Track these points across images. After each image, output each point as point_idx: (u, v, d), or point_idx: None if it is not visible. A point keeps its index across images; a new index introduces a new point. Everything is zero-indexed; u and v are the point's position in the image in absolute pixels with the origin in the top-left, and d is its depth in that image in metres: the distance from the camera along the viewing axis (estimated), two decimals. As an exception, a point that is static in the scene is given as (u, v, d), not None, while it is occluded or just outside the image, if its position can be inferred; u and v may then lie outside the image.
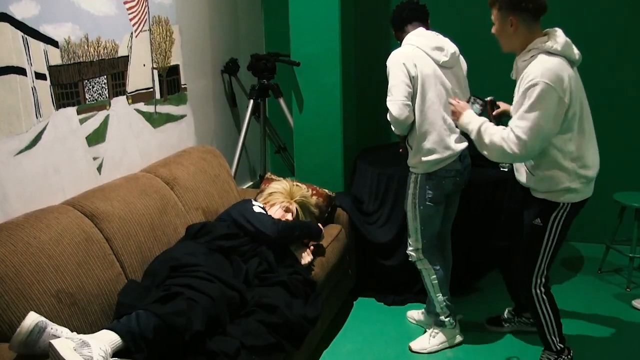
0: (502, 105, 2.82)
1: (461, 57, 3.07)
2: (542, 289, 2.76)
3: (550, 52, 2.42)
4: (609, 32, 4.13)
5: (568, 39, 2.48)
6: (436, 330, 3.18)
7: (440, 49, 2.90)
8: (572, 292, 3.74)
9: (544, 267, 2.72)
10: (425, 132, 2.88)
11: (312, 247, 3.05)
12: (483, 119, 2.63)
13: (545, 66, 2.38)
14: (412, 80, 2.85)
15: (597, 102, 4.21)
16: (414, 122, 2.89)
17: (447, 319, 3.14)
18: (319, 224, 3.14)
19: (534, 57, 2.44)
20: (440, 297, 3.12)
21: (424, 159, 2.91)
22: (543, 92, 2.35)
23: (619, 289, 3.77)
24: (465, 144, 2.97)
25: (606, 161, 4.27)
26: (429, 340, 3.17)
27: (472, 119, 2.63)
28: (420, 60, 2.86)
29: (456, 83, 2.97)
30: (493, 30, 2.57)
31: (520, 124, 2.43)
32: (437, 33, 2.99)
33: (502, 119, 2.82)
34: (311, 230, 3.04)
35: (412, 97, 2.87)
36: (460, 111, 2.69)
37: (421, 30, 2.96)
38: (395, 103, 2.84)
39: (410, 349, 3.16)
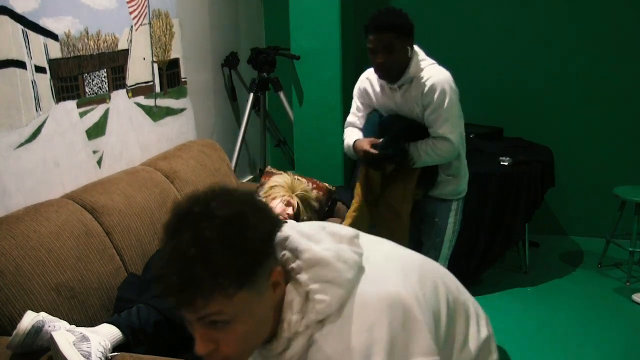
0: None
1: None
2: None
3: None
4: (608, 30, 4.13)
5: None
6: None
7: None
8: (572, 286, 3.73)
9: None
10: (461, 154, 2.65)
11: None
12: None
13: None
14: None
15: (597, 97, 4.25)
16: None
17: None
18: None
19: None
20: None
21: (464, 180, 2.71)
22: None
23: (619, 283, 3.78)
24: None
25: (606, 155, 4.32)
26: None
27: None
28: None
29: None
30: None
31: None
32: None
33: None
34: None
35: None
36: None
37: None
38: (459, 135, 2.56)
39: None
